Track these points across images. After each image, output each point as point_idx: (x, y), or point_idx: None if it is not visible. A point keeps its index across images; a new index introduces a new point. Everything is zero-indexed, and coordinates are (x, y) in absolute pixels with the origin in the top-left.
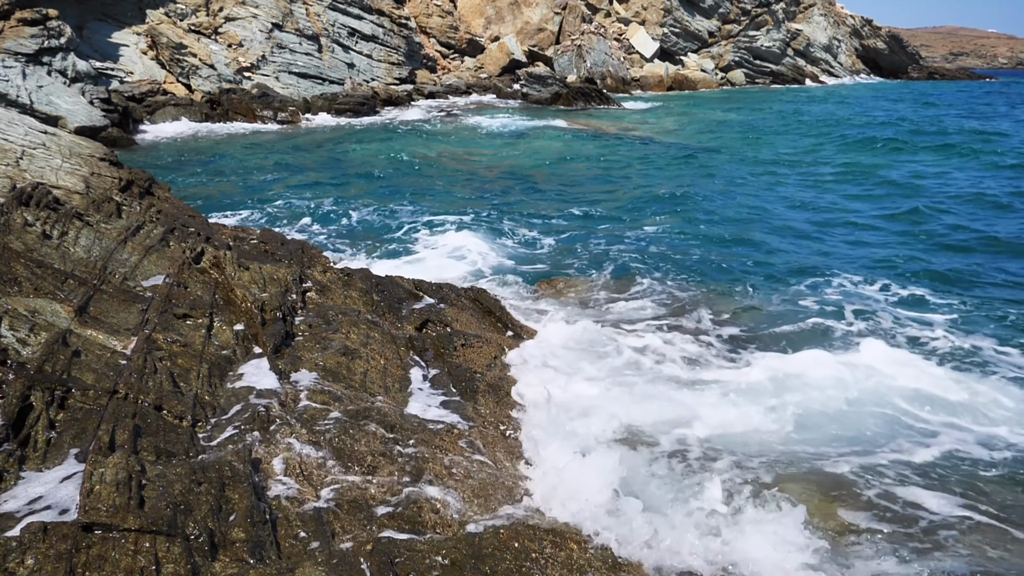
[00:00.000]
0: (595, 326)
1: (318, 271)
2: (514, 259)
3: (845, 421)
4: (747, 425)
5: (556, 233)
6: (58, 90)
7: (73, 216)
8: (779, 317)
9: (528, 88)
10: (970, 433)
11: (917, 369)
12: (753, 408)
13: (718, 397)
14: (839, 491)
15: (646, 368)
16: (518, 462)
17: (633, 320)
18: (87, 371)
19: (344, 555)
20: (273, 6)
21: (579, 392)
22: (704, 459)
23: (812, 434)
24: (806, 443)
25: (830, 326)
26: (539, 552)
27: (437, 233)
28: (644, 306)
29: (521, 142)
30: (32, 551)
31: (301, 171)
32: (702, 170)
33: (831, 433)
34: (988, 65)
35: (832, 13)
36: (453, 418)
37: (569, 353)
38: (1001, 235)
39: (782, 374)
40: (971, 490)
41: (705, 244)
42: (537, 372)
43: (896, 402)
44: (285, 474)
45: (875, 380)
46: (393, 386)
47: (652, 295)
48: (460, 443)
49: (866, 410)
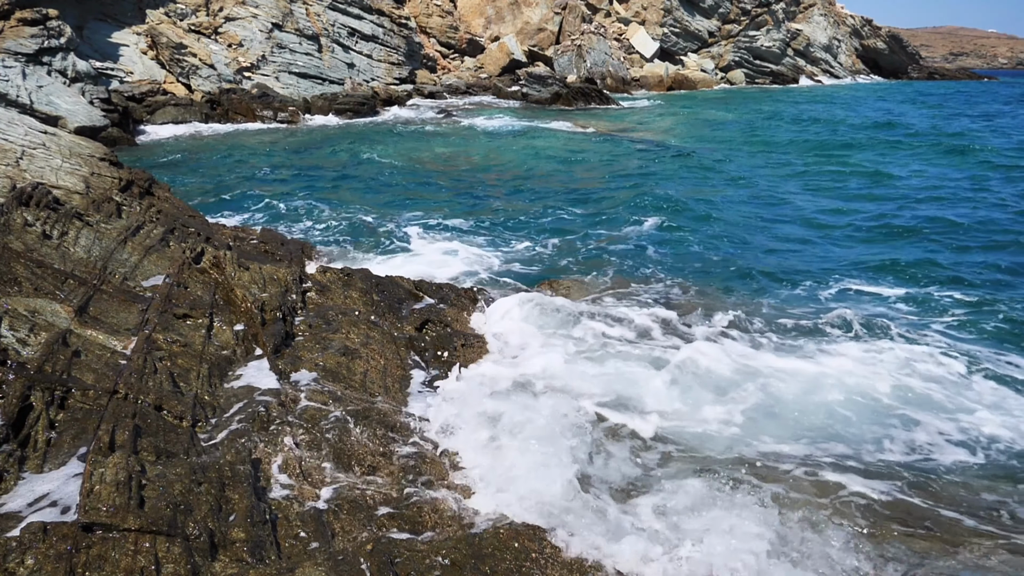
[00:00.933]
0: (593, 330)
1: (318, 271)
2: (514, 260)
3: (807, 418)
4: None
5: (556, 234)
6: (58, 90)
7: (73, 216)
8: (782, 315)
9: (528, 88)
10: (929, 431)
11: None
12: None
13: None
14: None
15: (615, 352)
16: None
17: (626, 319)
18: (87, 371)
19: (344, 555)
20: (273, 6)
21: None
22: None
23: (777, 430)
24: (773, 439)
25: (832, 323)
26: (539, 552)
27: (436, 233)
28: (641, 305)
29: (521, 142)
30: (32, 551)
31: (301, 171)
32: (702, 169)
33: (795, 428)
34: (988, 65)
35: (832, 13)
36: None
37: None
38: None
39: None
40: (923, 487)
41: (708, 243)
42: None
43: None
44: (285, 474)
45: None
46: (393, 386)
47: (650, 295)
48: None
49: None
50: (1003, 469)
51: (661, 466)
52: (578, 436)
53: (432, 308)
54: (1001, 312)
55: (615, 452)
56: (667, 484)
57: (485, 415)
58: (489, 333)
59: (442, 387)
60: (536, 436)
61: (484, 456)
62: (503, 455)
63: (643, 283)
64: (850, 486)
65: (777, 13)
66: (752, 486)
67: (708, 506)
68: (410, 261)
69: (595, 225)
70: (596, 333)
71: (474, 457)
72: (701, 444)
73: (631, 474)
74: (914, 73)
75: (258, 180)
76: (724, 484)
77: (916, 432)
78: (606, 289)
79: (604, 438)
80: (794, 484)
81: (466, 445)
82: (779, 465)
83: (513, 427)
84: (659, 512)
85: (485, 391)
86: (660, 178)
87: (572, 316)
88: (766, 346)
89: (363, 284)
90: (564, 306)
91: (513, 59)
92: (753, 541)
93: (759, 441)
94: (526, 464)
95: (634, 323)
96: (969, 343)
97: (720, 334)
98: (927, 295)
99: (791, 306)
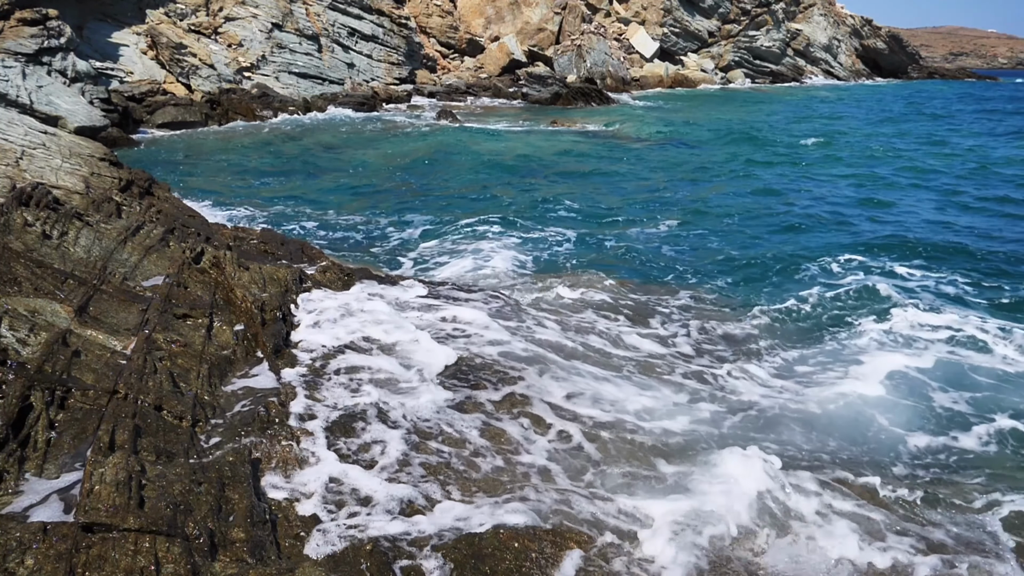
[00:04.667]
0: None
1: (318, 271)
2: (517, 260)
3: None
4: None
5: (557, 233)
6: (58, 90)
7: (73, 216)
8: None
9: (528, 88)
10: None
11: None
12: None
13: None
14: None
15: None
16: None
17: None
18: (87, 371)
19: (344, 555)
20: (273, 6)
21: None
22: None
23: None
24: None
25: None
26: (539, 552)
27: (435, 233)
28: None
29: (520, 142)
30: (32, 551)
31: (301, 171)
32: (701, 169)
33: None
34: (988, 65)
35: (832, 13)
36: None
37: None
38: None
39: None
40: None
41: (720, 243)
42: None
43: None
44: (285, 474)
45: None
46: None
47: (649, 295)
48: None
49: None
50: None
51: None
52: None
53: (431, 308)
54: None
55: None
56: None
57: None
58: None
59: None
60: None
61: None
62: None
63: (635, 287)
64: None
65: (777, 13)
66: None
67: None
68: (410, 261)
69: (596, 224)
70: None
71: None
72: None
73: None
74: (914, 73)
75: (258, 180)
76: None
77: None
78: (610, 290)
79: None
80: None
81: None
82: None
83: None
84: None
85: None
86: (660, 178)
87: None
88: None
89: (363, 283)
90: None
91: (513, 59)
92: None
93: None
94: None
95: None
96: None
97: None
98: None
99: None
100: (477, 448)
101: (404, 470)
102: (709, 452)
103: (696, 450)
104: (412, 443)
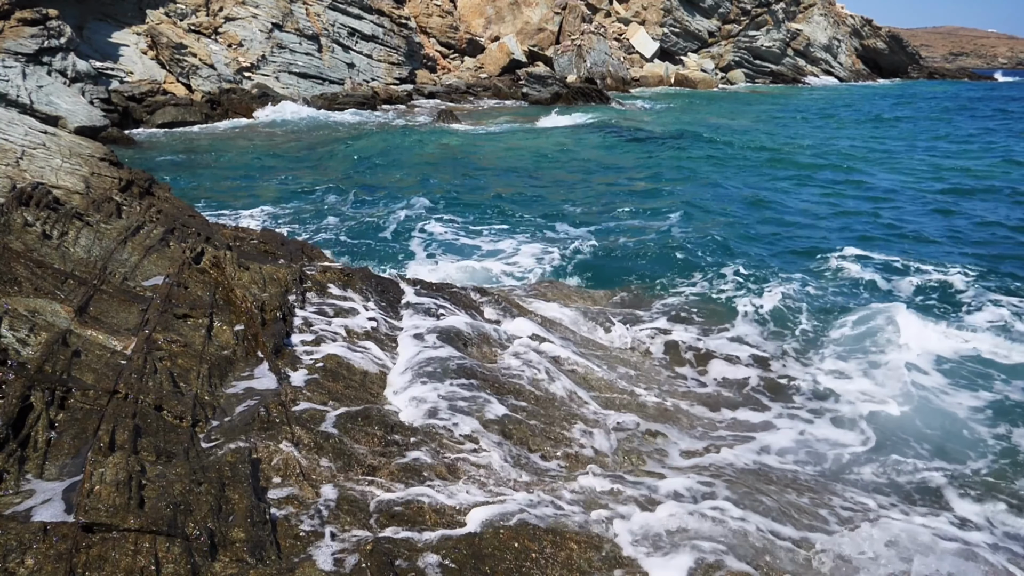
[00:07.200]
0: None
1: (318, 271)
2: (519, 261)
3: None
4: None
5: (558, 233)
6: (58, 90)
7: (73, 216)
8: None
9: (528, 88)
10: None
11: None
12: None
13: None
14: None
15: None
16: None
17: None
18: (87, 371)
19: (344, 555)
20: (273, 6)
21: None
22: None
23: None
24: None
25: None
26: (539, 552)
27: (436, 233)
28: (633, 304)
29: (520, 142)
30: (32, 551)
31: (301, 171)
32: (700, 169)
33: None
34: (988, 65)
35: (832, 13)
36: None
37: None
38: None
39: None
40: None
41: (726, 241)
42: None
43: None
44: (285, 474)
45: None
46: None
47: (645, 295)
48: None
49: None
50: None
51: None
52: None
53: (431, 308)
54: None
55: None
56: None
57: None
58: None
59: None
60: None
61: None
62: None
63: (631, 288)
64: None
65: (777, 13)
66: None
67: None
68: (410, 261)
69: (597, 225)
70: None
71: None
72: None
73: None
74: (914, 73)
75: (258, 180)
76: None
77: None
78: (599, 298)
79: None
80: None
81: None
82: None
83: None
84: None
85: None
86: (661, 177)
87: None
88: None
89: (362, 284)
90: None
91: (513, 59)
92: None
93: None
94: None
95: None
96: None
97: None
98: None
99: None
100: (477, 448)
101: (406, 470)
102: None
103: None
104: (412, 443)
